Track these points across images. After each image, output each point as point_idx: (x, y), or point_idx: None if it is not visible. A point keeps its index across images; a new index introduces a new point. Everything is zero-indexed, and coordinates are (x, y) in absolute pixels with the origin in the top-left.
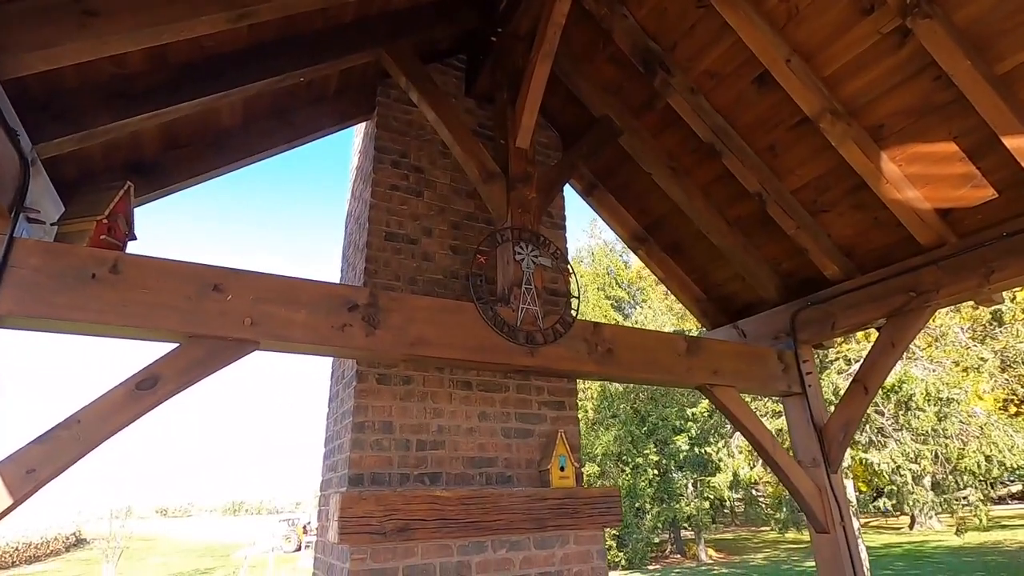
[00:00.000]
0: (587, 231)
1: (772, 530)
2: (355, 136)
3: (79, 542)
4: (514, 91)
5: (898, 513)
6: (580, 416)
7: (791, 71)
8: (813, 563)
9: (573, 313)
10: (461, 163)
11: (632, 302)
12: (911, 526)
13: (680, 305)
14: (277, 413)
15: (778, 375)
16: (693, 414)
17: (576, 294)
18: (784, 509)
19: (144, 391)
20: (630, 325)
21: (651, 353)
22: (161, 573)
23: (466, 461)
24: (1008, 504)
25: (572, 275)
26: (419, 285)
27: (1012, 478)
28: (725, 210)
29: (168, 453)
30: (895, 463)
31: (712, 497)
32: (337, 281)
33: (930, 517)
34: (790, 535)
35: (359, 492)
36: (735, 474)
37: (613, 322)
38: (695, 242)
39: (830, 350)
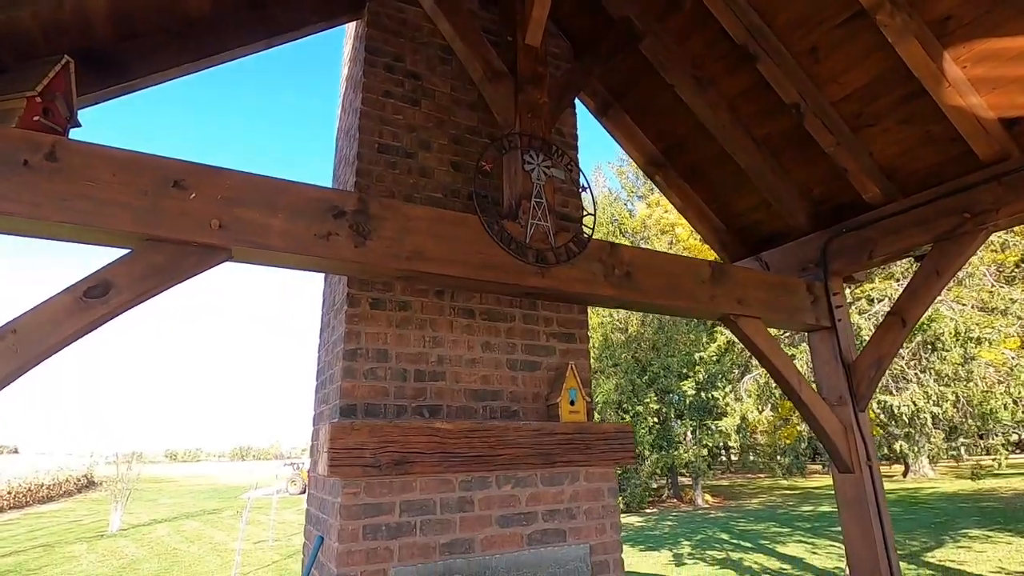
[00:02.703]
0: (591, 179)
1: (775, 476)
2: (345, 43)
3: (90, 484)
4: None
5: (890, 462)
6: None
7: None
8: (809, 507)
9: (588, 231)
10: (463, 61)
11: None
12: (904, 474)
13: (688, 253)
14: (285, 359)
15: (806, 307)
16: (701, 358)
17: (592, 211)
18: (788, 455)
19: (94, 300)
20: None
21: (673, 278)
22: (169, 513)
23: (469, 393)
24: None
25: (588, 190)
26: (416, 204)
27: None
28: (753, 128)
29: (178, 399)
30: (915, 406)
31: (710, 445)
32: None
33: (924, 465)
34: (785, 482)
35: (351, 422)
36: (743, 418)
37: None
38: (717, 167)
39: (849, 289)
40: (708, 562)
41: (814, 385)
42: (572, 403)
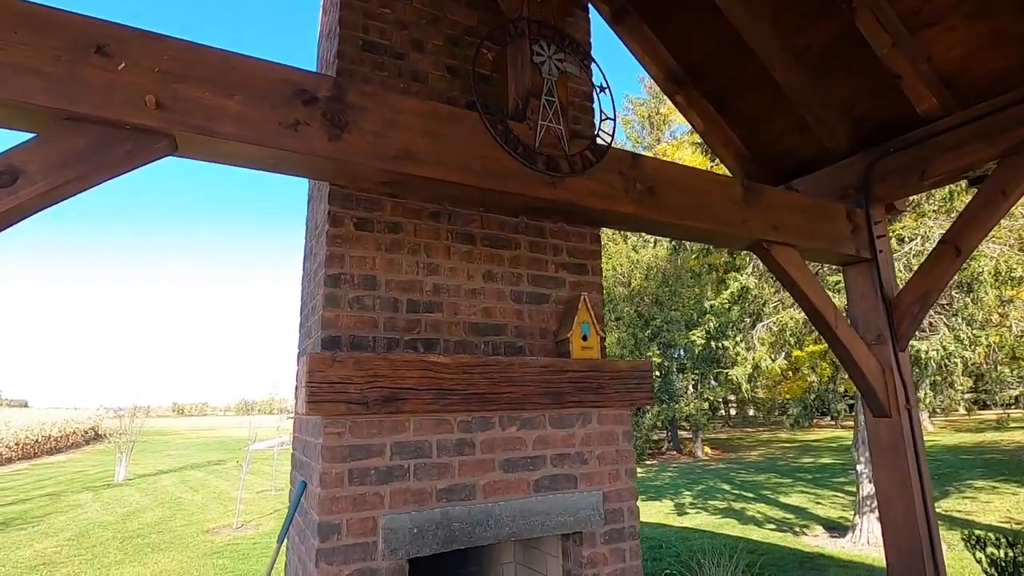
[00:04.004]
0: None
1: (776, 429)
2: None
3: (97, 436)
4: None
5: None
6: None
7: None
8: (809, 459)
9: (607, 137)
10: None
11: None
12: None
13: None
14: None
15: (845, 236)
16: (712, 306)
17: (611, 115)
18: (796, 406)
19: None
20: None
21: (701, 197)
22: (175, 464)
23: (468, 327)
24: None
25: (606, 90)
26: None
27: None
28: (793, 38)
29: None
30: (946, 351)
31: (712, 398)
32: None
33: (923, 418)
34: (784, 435)
35: (332, 354)
36: (756, 366)
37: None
38: (746, 88)
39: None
40: (710, 512)
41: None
42: (584, 338)
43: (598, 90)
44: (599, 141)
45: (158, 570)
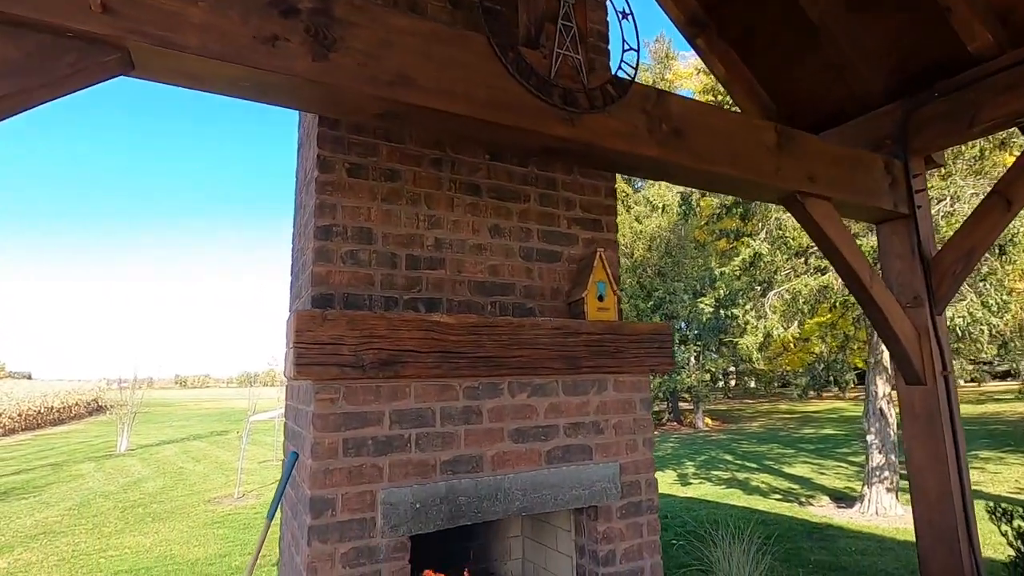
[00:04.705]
0: None
1: (776, 401)
2: None
3: (99, 408)
4: None
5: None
6: None
7: None
8: (811, 430)
9: (630, 70)
10: None
11: None
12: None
13: None
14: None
15: (883, 190)
16: (722, 273)
17: (635, 46)
18: (805, 376)
19: None
20: (640, 196)
21: (731, 141)
22: (177, 434)
23: (474, 286)
24: (995, 381)
25: (629, 16)
26: None
27: None
28: None
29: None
30: (972, 317)
31: (713, 370)
32: None
33: None
34: (783, 406)
35: (323, 312)
36: (768, 334)
37: (622, 193)
38: (772, 30)
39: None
40: (714, 482)
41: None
42: (601, 299)
43: (620, 17)
44: (621, 75)
45: (159, 539)
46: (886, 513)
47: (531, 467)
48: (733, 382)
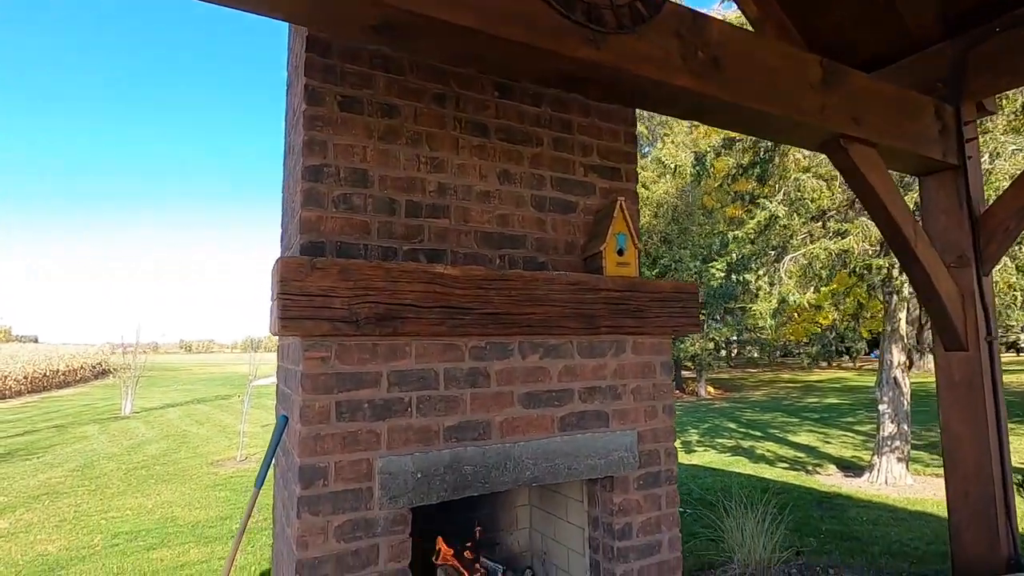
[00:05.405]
0: None
1: (786, 368)
2: None
3: (104, 372)
4: None
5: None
6: None
7: None
8: (814, 399)
9: None
10: None
11: (651, 137)
12: (908, 368)
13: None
14: None
15: (932, 137)
16: (735, 236)
17: None
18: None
19: None
20: (646, 162)
21: (772, 74)
22: (182, 398)
23: (480, 238)
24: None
25: None
26: None
27: None
28: None
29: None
30: (1005, 282)
31: (716, 339)
32: None
33: (929, 360)
34: (786, 375)
35: (311, 259)
36: (782, 300)
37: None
38: None
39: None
40: (718, 449)
41: None
42: (620, 252)
43: None
44: None
45: (160, 501)
46: (896, 483)
47: (543, 434)
48: (736, 352)
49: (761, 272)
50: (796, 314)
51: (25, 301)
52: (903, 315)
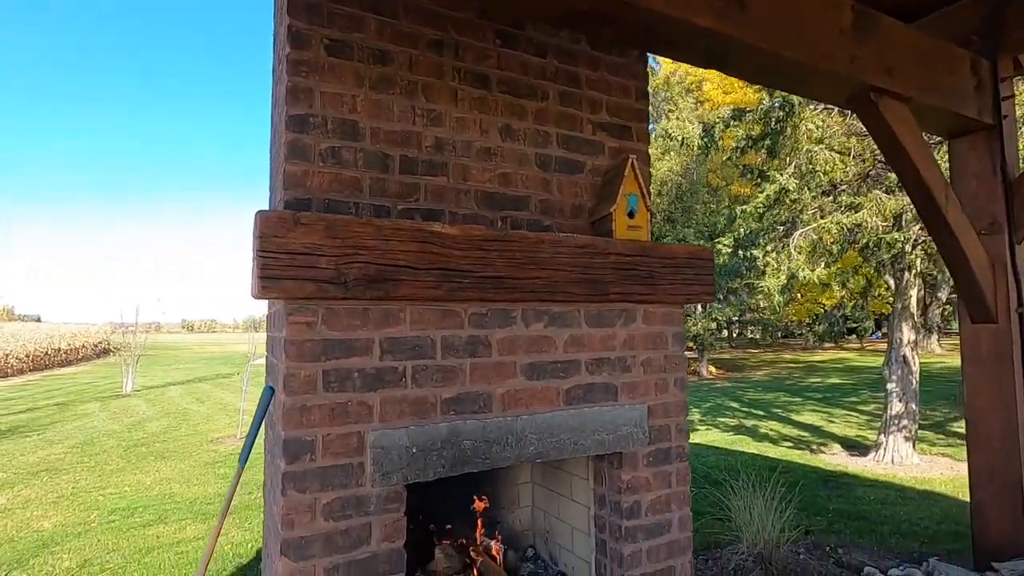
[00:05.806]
0: None
1: (786, 348)
2: None
3: (106, 351)
4: None
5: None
6: None
7: None
8: (816, 379)
9: None
10: None
11: (656, 115)
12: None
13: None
14: None
15: (967, 93)
16: (744, 211)
17: None
18: (823, 323)
19: None
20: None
21: (799, 19)
22: (183, 377)
23: (481, 198)
24: None
25: None
26: None
27: None
28: None
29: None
30: None
31: (719, 319)
32: None
33: (932, 341)
34: (788, 355)
35: (294, 214)
36: (792, 276)
37: None
38: None
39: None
40: (721, 429)
41: None
42: (631, 214)
43: None
44: None
45: (159, 477)
46: (903, 462)
47: (548, 408)
48: (737, 332)
49: (769, 248)
50: (800, 294)
51: (27, 280)
52: (914, 292)
